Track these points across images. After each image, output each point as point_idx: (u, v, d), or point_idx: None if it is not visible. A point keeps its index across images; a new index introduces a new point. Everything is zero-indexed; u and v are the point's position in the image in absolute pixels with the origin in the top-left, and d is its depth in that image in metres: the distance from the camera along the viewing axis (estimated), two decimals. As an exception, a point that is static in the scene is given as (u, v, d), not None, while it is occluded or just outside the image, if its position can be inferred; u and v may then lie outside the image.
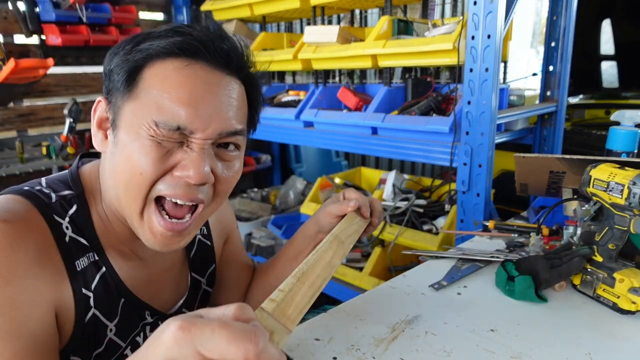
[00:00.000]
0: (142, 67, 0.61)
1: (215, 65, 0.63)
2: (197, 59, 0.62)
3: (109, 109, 0.65)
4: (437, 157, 1.43)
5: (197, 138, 0.61)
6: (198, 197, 0.63)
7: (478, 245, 1.12)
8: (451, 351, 0.69)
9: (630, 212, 0.77)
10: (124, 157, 0.61)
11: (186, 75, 0.61)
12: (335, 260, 0.65)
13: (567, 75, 1.61)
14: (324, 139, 1.82)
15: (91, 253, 0.66)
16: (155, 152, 0.60)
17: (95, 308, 0.66)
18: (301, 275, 0.55)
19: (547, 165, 1.06)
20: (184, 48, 0.61)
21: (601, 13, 2.70)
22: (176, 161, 0.61)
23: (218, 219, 0.91)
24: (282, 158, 3.12)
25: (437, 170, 2.74)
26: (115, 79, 0.63)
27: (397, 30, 1.63)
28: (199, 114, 0.60)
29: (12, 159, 2.18)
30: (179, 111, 0.59)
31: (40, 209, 0.61)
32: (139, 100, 0.61)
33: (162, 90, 0.60)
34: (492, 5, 1.22)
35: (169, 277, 0.79)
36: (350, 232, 0.76)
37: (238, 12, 2.17)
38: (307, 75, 2.28)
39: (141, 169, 0.60)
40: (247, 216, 2.45)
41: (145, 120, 0.60)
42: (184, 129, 0.60)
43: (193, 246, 0.85)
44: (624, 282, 0.77)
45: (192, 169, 0.60)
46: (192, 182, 0.61)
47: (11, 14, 2.10)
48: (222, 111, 0.62)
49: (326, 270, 0.61)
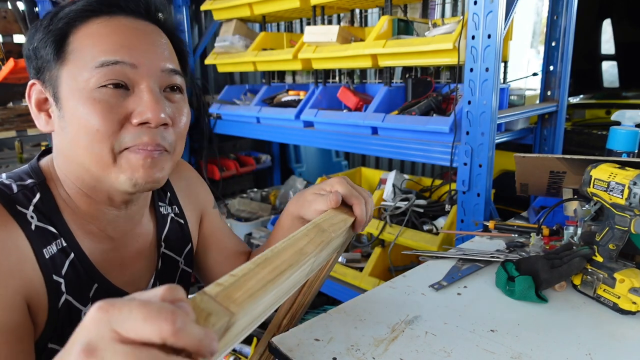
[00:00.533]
0: (68, 34, 0.63)
1: (137, 16, 0.66)
2: (117, 14, 0.64)
3: (46, 88, 0.65)
4: (437, 157, 1.43)
5: (142, 77, 0.62)
6: (162, 143, 0.64)
7: (478, 246, 1.12)
8: (451, 351, 0.69)
9: (630, 212, 0.77)
10: (76, 122, 0.62)
11: (112, 26, 0.63)
12: (309, 248, 0.57)
13: (567, 75, 1.61)
14: (324, 139, 1.82)
15: (59, 240, 0.65)
16: (103, 104, 0.61)
17: (67, 294, 0.65)
18: (262, 261, 0.49)
19: (547, 165, 1.05)
20: (102, 4, 0.63)
21: (601, 13, 2.70)
22: (129, 110, 0.62)
23: (189, 196, 0.90)
24: (282, 158, 3.12)
25: (437, 170, 2.74)
26: (43, 54, 0.63)
27: (397, 30, 1.63)
28: (137, 50, 0.62)
29: (11, 159, 2.18)
30: (116, 48, 0.61)
31: (2, 202, 0.61)
32: (72, 62, 0.62)
33: (93, 45, 0.61)
34: (492, 5, 1.22)
35: (142, 260, 0.78)
36: (335, 220, 0.69)
37: (238, 12, 2.16)
38: (307, 75, 2.28)
39: (96, 126, 0.61)
40: (247, 216, 2.45)
41: (84, 73, 0.61)
42: (125, 62, 0.61)
43: (165, 226, 0.83)
44: (625, 283, 0.77)
45: (149, 111, 0.61)
46: (152, 124, 0.62)
47: (10, 14, 2.09)
48: (156, 50, 0.65)
49: (295, 257, 0.54)
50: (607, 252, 0.82)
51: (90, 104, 0.61)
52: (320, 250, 0.60)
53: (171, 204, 0.86)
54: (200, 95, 2.54)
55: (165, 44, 0.68)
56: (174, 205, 0.87)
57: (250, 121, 2.18)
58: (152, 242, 0.81)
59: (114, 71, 0.61)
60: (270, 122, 2.08)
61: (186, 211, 0.88)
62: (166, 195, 0.86)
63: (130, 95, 0.63)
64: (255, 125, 2.16)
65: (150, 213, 0.82)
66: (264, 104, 2.15)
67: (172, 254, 0.85)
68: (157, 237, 0.82)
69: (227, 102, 2.38)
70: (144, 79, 0.63)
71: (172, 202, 0.87)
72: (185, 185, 0.91)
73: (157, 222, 0.82)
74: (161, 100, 0.64)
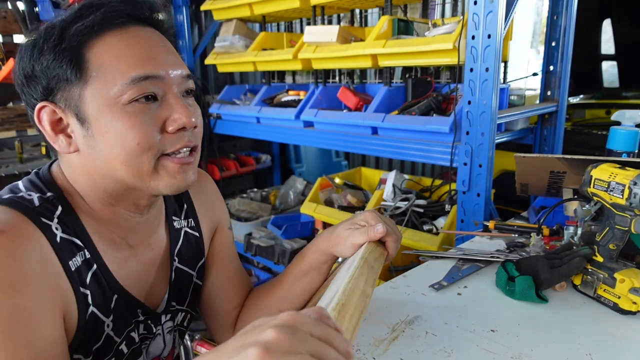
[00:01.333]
0: (82, 51, 0.62)
1: (145, 25, 0.67)
2: (128, 24, 0.65)
3: (63, 108, 0.64)
4: (437, 157, 1.42)
5: (169, 86, 0.65)
6: (194, 142, 0.68)
7: (478, 246, 1.12)
8: (451, 351, 0.69)
9: (631, 212, 0.77)
10: (112, 140, 0.62)
11: (130, 39, 0.64)
12: (368, 289, 0.59)
13: (567, 75, 1.61)
14: (324, 139, 1.82)
15: (83, 251, 0.66)
16: (140, 118, 0.62)
17: (93, 305, 0.66)
18: (341, 307, 0.51)
19: (547, 165, 1.05)
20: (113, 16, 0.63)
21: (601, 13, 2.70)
22: (163, 119, 0.64)
23: (207, 209, 0.90)
24: (282, 158, 3.12)
25: (437, 170, 2.74)
26: (58, 73, 0.62)
27: (397, 30, 1.63)
28: (159, 62, 0.64)
29: (11, 159, 2.18)
30: (141, 63, 0.62)
31: (27, 215, 0.61)
32: (97, 79, 0.62)
33: (118, 61, 0.62)
34: (492, 5, 1.22)
35: (155, 271, 0.79)
36: (376, 254, 0.71)
37: (238, 12, 2.16)
38: (307, 75, 2.28)
39: (137, 140, 0.62)
40: (247, 216, 2.45)
41: (114, 90, 0.61)
42: (154, 77, 0.63)
43: (178, 240, 0.84)
44: (625, 283, 0.77)
45: (183, 116, 0.64)
46: (187, 127, 0.65)
47: (10, 14, 2.09)
48: (174, 59, 0.67)
49: (362, 301, 0.56)
50: (608, 252, 0.82)
51: (127, 118, 0.62)
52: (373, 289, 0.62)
53: (187, 217, 0.86)
54: (200, 95, 2.54)
55: (173, 49, 0.70)
56: (189, 218, 0.87)
57: (250, 121, 2.18)
58: (165, 255, 0.82)
59: (145, 86, 0.62)
60: (270, 122, 2.08)
61: (202, 224, 0.88)
62: (182, 208, 0.86)
63: (160, 106, 0.65)
64: (255, 125, 2.15)
65: (164, 227, 0.83)
66: (264, 104, 2.15)
67: (186, 268, 0.85)
68: (170, 251, 0.83)
69: (227, 102, 2.38)
70: (170, 87, 0.66)
71: (188, 214, 0.87)
72: (205, 198, 0.91)
73: (170, 236, 0.83)
74: (188, 105, 0.67)
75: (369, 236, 0.74)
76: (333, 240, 0.79)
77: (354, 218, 0.79)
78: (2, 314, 0.53)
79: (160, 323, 0.80)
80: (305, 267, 0.85)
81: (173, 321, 0.84)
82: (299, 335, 0.38)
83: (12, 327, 0.54)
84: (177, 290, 0.83)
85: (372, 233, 0.73)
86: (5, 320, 0.53)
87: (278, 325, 0.38)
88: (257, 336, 0.38)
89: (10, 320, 0.54)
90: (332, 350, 0.39)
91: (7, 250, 0.56)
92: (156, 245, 0.79)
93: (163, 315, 0.81)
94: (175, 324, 0.84)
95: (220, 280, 0.92)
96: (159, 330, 0.80)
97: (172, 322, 0.84)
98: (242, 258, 2.36)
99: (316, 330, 0.40)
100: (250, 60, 2.11)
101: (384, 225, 0.74)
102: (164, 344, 0.82)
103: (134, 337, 0.75)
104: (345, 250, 0.77)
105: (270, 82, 2.30)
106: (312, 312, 0.42)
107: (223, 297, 0.92)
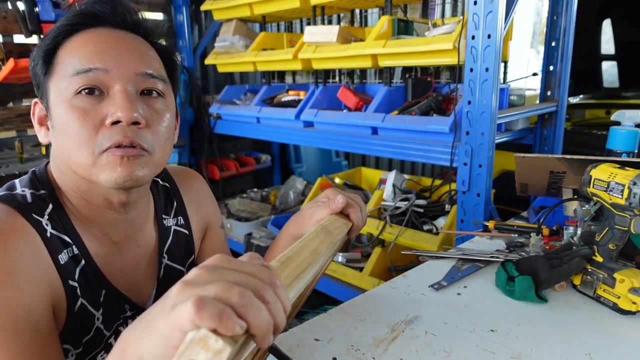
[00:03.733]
0: (55, 50, 0.67)
1: (117, 27, 0.69)
2: (98, 26, 0.68)
3: (42, 102, 0.69)
4: (437, 157, 1.43)
5: (115, 80, 0.65)
6: (137, 140, 0.65)
7: (478, 246, 1.12)
8: (451, 351, 0.69)
9: (630, 212, 0.77)
10: (61, 130, 0.65)
11: (91, 37, 0.67)
12: (322, 248, 0.62)
13: (567, 75, 1.61)
14: (324, 139, 1.82)
15: (71, 247, 0.68)
16: (79, 110, 0.64)
17: (82, 297, 0.68)
18: (285, 259, 0.53)
19: (547, 165, 1.05)
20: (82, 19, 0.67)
21: (601, 13, 2.70)
22: (104, 114, 0.65)
23: (197, 207, 0.91)
24: (282, 158, 3.12)
25: (437, 170, 2.74)
26: (37, 70, 0.68)
27: (397, 30, 1.63)
28: (108, 56, 0.65)
29: (11, 159, 2.18)
30: (90, 57, 0.64)
31: (20, 211, 0.64)
32: (56, 73, 0.66)
33: (72, 56, 0.65)
34: (492, 5, 1.22)
35: (143, 268, 0.80)
36: (338, 224, 0.73)
37: (238, 12, 2.16)
38: (307, 75, 2.28)
39: (75, 131, 0.64)
40: (247, 216, 2.45)
41: (64, 83, 0.64)
42: (98, 68, 0.64)
43: (168, 238, 0.85)
44: (624, 282, 0.77)
45: (120, 110, 0.64)
46: (124, 122, 0.64)
47: (11, 14, 2.09)
48: (131, 55, 0.67)
49: (312, 256, 0.58)
50: (607, 252, 0.82)
51: (69, 110, 0.64)
52: (329, 250, 0.63)
53: (176, 215, 0.87)
54: (200, 95, 2.54)
55: (144, 50, 0.70)
56: (179, 216, 0.88)
57: (250, 121, 2.18)
58: (154, 252, 0.83)
59: (87, 78, 0.64)
60: (270, 122, 2.08)
61: (192, 222, 0.89)
62: (172, 205, 0.87)
63: (104, 100, 0.65)
64: (255, 125, 2.16)
65: (153, 224, 0.83)
66: (264, 104, 2.15)
67: (177, 265, 0.86)
68: (159, 249, 0.83)
69: (227, 102, 2.38)
70: (117, 82, 0.65)
71: (178, 212, 0.88)
72: (195, 196, 0.92)
73: (160, 234, 0.84)
74: (135, 101, 0.66)
75: (330, 208, 0.76)
76: (299, 222, 0.81)
77: (316, 198, 0.82)
78: None
79: None
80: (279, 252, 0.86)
81: None
82: (219, 270, 0.39)
83: (1, 318, 0.56)
84: (165, 287, 0.83)
85: (332, 205, 0.75)
86: None
87: (201, 265, 0.40)
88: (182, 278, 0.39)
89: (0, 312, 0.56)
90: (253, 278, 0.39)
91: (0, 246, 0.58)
92: (143, 243, 0.80)
93: None
94: None
95: None
96: None
97: None
98: (242, 258, 2.37)
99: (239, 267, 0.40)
100: (250, 60, 2.11)
101: (343, 196, 0.76)
102: None
103: None
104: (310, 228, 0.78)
105: (270, 82, 2.30)
106: (243, 256, 0.44)
107: None
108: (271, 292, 0.39)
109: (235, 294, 0.36)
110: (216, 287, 0.37)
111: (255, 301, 0.37)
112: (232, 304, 0.36)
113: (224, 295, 0.36)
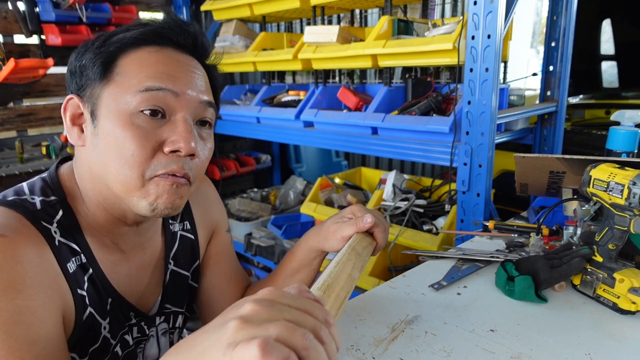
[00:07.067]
0: (117, 57, 0.65)
1: (183, 49, 0.69)
2: (166, 45, 0.67)
3: (84, 104, 0.67)
4: (437, 157, 1.43)
5: (182, 106, 0.65)
6: (187, 172, 0.66)
7: (478, 245, 1.12)
8: (451, 351, 0.69)
9: (630, 212, 0.77)
10: (110, 143, 0.63)
11: (159, 56, 0.66)
12: (355, 273, 0.62)
13: (567, 75, 1.61)
14: (324, 139, 1.82)
15: (79, 256, 0.67)
16: (140, 130, 0.62)
17: (90, 307, 0.67)
18: (326, 287, 0.53)
19: (547, 165, 1.05)
20: (154, 35, 0.66)
21: (601, 13, 2.70)
22: (163, 138, 0.64)
23: (204, 212, 0.91)
24: (282, 158, 3.12)
25: (437, 170, 2.74)
26: (89, 72, 0.65)
27: (397, 30, 1.63)
28: (179, 79, 0.65)
29: (11, 159, 2.18)
30: (161, 77, 0.64)
31: (28, 218, 0.63)
32: (116, 83, 0.64)
33: (139, 70, 0.64)
34: (492, 5, 1.22)
35: (148, 274, 0.80)
36: (364, 244, 0.73)
37: (238, 12, 2.16)
38: (307, 75, 2.28)
39: (131, 151, 0.62)
40: (247, 216, 2.45)
41: (126, 97, 0.63)
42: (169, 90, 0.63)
43: (174, 243, 0.84)
44: (624, 282, 0.77)
45: (182, 141, 0.63)
46: (182, 152, 0.64)
47: (11, 14, 2.09)
48: (196, 82, 0.67)
49: (348, 283, 0.58)
50: (607, 252, 0.82)
51: (128, 128, 0.62)
52: (360, 274, 0.64)
53: (183, 220, 0.87)
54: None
55: (203, 77, 0.71)
56: (185, 221, 0.87)
57: (250, 121, 2.18)
58: (160, 258, 0.82)
59: (156, 97, 0.63)
60: (270, 122, 2.08)
61: (198, 227, 0.89)
62: None
63: (165, 124, 0.65)
64: (255, 125, 2.16)
65: (160, 230, 0.83)
66: (264, 104, 2.15)
67: (182, 270, 0.86)
68: (165, 254, 0.83)
69: (227, 102, 2.38)
70: (182, 108, 0.65)
71: (184, 217, 0.87)
72: (203, 200, 0.91)
73: (166, 239, 0.83)
74: (193, 131, 0.66)
75: (357, 227, 0.75)
76: (322, 236, 0.80)
77: (340, 212, 0.81)
78: (4, 314, 0.54)
79: (154, 325, 0.81)
80: (296, 264, 0.86)
81: (168, 323, 0.84)
82: (277, 307, 0.39)
83: (14, 327, 0.55)
84: (172, 292, 0.84)
85: (360, 224, 0.75)
86: (8, 320, 0.55)
87: (256, 300, 0.39)
88: (237, 311, 0.39)
89: (12, 321, 0.55)
90: (309, 317, 0.39)
91: (9, 253, 0.57)
92: (150, 249, 0.80)
93: (157, 317, 0.81)
94: (170, 325, 0.84)
95: (219, 281, 0.92)
96: (153, 332, 0.81)
97: (167, 324, 0.84)
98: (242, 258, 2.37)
99: (294, 302, 0.40)
100: (250, 61, 2.11)
101: (371, 215, 0.75)
102: (159, 346, 0.83)
103: (128, 340, 0.76)
104: (334, 244, 0.78)
105: (270, 82, 2.30)
106: (292, 288, 0.43)
107: (223, 298, 0.92)
108: (326, 331, 0.39)
109: (299, 337, 0.36)
110: (279, 328, 0.36)
111: (317, 344, 0.37)
112: (296, 347, 0.36)
113: (288, 338, 0.36)
